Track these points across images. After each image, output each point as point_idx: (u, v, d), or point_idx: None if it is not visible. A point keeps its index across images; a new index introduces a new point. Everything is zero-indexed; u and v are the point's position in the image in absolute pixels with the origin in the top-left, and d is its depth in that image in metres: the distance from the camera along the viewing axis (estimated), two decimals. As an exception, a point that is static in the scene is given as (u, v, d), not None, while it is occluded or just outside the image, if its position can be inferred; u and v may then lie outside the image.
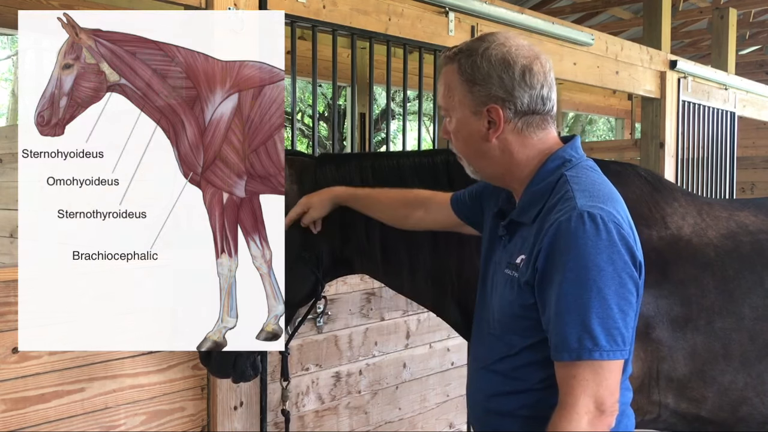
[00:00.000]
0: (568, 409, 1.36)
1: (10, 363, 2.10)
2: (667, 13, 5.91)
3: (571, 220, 1.38)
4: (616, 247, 1.37)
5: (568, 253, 1.37)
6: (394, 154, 2.48)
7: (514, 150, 1.53)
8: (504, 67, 1.48)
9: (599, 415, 1.35)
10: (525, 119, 1.51)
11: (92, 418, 2.31)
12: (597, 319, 1.34)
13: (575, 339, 1.35)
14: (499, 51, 1.49)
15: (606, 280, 1.35)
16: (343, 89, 10.66)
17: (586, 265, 1.35)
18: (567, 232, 1.37)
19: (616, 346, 1.35)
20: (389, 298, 3.26)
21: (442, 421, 3.58)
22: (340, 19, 2.99)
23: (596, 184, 1.49)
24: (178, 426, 2.53)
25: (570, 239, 1.37)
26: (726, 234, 2.20)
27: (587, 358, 1.34)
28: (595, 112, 10.84)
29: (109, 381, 2.34)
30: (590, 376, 1.35)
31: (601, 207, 1.40)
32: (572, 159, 1.53)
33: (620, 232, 1.38)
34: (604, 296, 1.35)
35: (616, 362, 1.37)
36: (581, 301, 1.35)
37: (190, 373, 2.55)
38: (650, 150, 5.18)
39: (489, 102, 1.49)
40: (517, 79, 1.48)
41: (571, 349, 1.36)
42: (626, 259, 1.38)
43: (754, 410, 2.09)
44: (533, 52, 1.51)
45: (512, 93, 1.48)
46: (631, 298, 1.39)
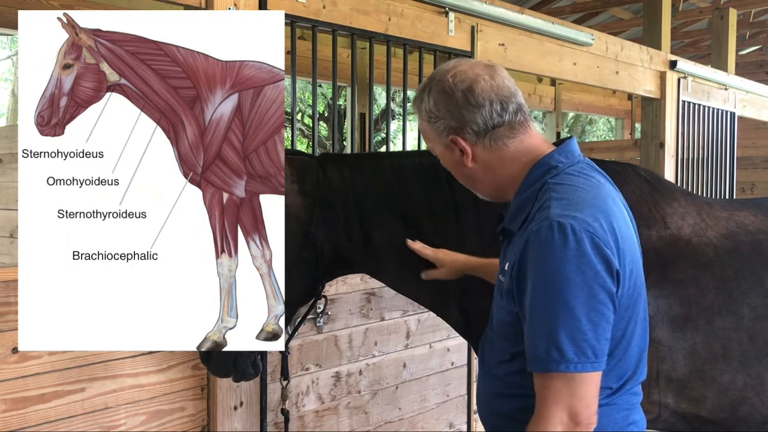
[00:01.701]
0: (542, 419, 1.37)
1: (10, 363, 2.10)
2: (667, 13, 5.91)
3: (541, 230, 1.38)
4: (586, 257, 1.35)
5: (537, 264, 1.37)
6: (395, 154, 2.48)
7: (495, 166, 1.57)
8: (447, 99, 1.53)
9: (573, 427, 1.35)
10: (489, 136, 1.54)
11: (92, 418, 2.31)
12: (564, 331, 1.34)
13: (543, 351, 1.35)
14: (439, 86, 1.55)
15: (574, 291, 1.34)
16: (343, 89, 10.66)
17: (553, 276, 1.35)
18: (536, 242, 1.38)
19: (585, 358, 1.34)
20: (389, 298, 3.26)
21: (442, 421, 3.58)
22: (340, 19, 2.99)
23: (577, 191, 1.47)
24: (178, 426, 2.53)
25: (538, 250, 1.38)
26: (725, 234, 2.20)
27: (555, 370, 1.35)
28: (595, 112, 10.84)
29: (109, 381, 2.34)
30: (562, 387, 1.35)
31: (573, 216, 1.39)
32: (558, 165, 1.53)
33: (594, 240, 1.37)
34: (571, 307, 1.34)
35: (590, 374, 1.36)
36: (548, 313, 1.35)
37: (190, 373, 2.56)
38: (650, 150, 5.17)
39: (448, 134, 1.55)
40: (461, 105, 1.52)
41: (540, 361, 1.36)
42: (598, 269, 1.36)
43: (753, 410, 2.09)
44: (474, 73, 1.53)
45: (462, 119, 1.53)
46: (602, 309, 1.37)
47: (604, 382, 1.47)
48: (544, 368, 1.36)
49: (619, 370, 1.51)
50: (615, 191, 1.58)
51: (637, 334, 1.54)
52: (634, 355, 1.54)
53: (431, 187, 2.16)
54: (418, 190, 2.17)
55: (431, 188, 2.16)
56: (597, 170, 1.59)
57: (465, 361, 3.67)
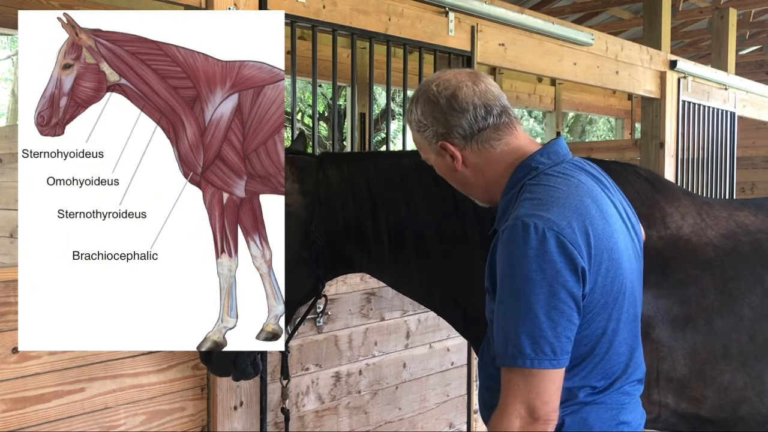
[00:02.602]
0: (502, 411, 1.42)
1: (10, 363, 2.10)
2: (667, 13, 5.91)
3: (507, 230, 1.43)
4: (547, 255, 1.38)
5: (503, 262, 1.43)
6: (395, 153, 2.48)
7: (484, 169, 1.62)
8: (432, 107, 1.60)
9: (532, 422, 1.39)
10: (476, 139, 1.59)
11: (92, 418, 2.31)
12: (523, 328, 1.38)
13: (503, 346, 1.41)
14: (425, 96, 1.62)
15: (534, 288, 1.37)
16: (343, 89, 10.66)
17: (515, 274, 1.39)
18: (504, 241, 1.43)
19: (543, 355, 1.37)
20: (389, 298, 3.26)
21: (442, 421, 3.58)
22: (340, 19, 2.99)
23: (551, 191, 1.49)
24: (178, 426, 2.53)
25: (504, 249, 1.43)
26: (725, 234, 2.20)
27: (512, 365, 1.39)
28: (595, 112, 10.84)
29: (109, 381, 2.34)
30: (521, 382, 1.39)
31: (539, 215, 1.41)
32: (539, 166, 1.56)
33: (558, 239, 1.39)
34: (530, 305, 1.37)
35: (549, 371, 1.39)
36: (509, 310, 1.40)
37: (190, 373, 2.56)
38: (650, 150, 5.17)
39: (438, 140, 1.61)
40: (446, 111, 1.58)
41: (502, 356, 1.41)
42: (559, 268, 1.38)
43: (753, 410, 2.09)
44: (457, 81, 1.60)
45: (448, 124, 1.59)
46: (563, 308, 1.39)
47: (586, 381, 1.50)
48: (504, 363, 1.41)
49: (603, 369, 1.52)
50: (600, 191, 1.58)
51: (623, 333, 1.54)
52: (622, 353, 1.54)
53: (431, 186, 2.16)
54: (418, 189, 2.18)
55: (431, 187, 2.16)
56: (582, 170, 1.60)
57: (465, 361, 3.67)
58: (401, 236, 2.18)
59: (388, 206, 2.17)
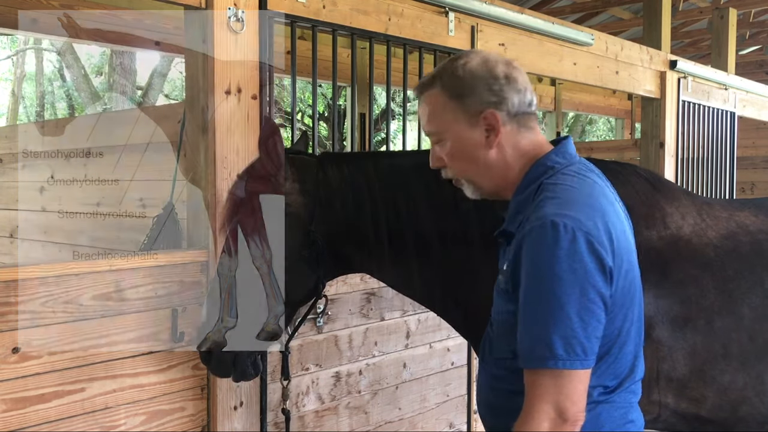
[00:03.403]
0: (529, 414, 1.38)
1: (10, 363, 2.10)
2: (667, 13, 5.91)
3: (534, 230, 1.40)
4: (578, 255, 1.36)
5: (530, 262, 1.39)
6: (396, 153, 2.48)
7: (508, 156, 1.57)
8: (488, 74, 1.53)
9: (561, 423, 1.37)
10: (517, 119, 1.55)
11: (92, 418, 2.30)
12: (555, 329, 1.35)
13: (533, 347, 1.38)
14: (477, 61, 1.55)
15: (565, 289, 1.35)
16: (343, 89, 10.66)
17: (545, 275, 1.36)
18: (531, 241, 1.40)
19: (575, 356, 1.36)
20: (389, 298, 3.26)
21: (442, 421, 3.58)
22: (340, 19, 2.99)
23: (572, 191, 1.48)
24: (178, 426, 2.53)
25: (532, 249, 1.40)
26: (726, 234, 2.20)
27: (543, 367, 1.36)
28: (595, 112, 10.84)
29: (109, 381, 2.34)
30: (550, 383, 1.37)
31: (567, 214, 1.40)
32: (555, 166, 1.55)
33: (587, 239, 1.38)
34: (562, 305, 1.35)
35: (579, 372, 1.37)
36: (540, 310, 1.37)
37: (190, 373, 2.55)
38: (650, 150, 5.17)
39: (483, 109, 1.53)
40: (503, 82, 1.53)
41: (529, 358, 1.39)
42: (589, 268, 1.37)
43: (753, 410, 2.09)
44: (507, 59, 1.59)
45: (502, 95, 1.53)
46: (593, 308, 1.38)
47: (600, 381, 1.49)
48: (533, 364, 1.38)
49: (615, 369, 1.52)
50: (610, 191, 1.60)
51: (633, 333, 1.55)
52: (630, 353, 1.55)
53: (432, 186, 2.16)
54: (418, 189, 2.17)
55: (432, 187, 2.16)
56: (592, 170, 1.61)
57: (465, 361, 3.67)
58: (401, 236, 2.18)
59: (388, 206, 2.17)
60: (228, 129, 2.56)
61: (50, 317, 2.18)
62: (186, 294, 2.51)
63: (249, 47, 2.63)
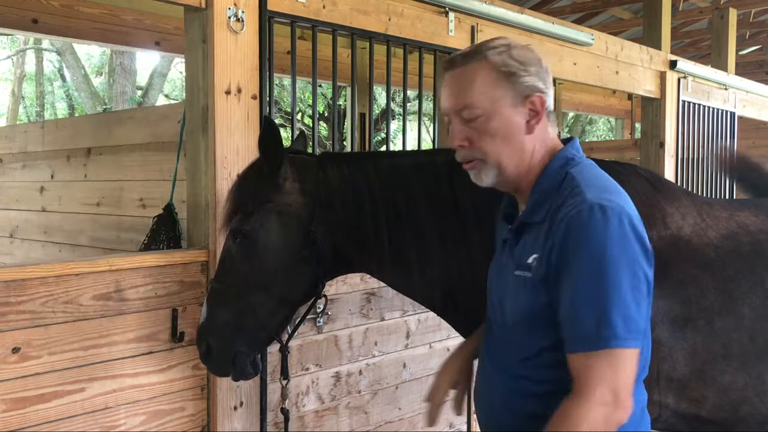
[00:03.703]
0: (583, 399, 1.35)
1: (10, 363, 2.10)
2: (667, 13, 5.90)
3: (582, 213, 1.40)
4: (627, 237, 1.38)
5: (582, 245, 1.38)
6: (396, 153, 2.48)
7: (537, 144, 1.57)
8: (536, 61, 1.54)
9: (614, 409, 1.35)
10: (548, 113, 1.57)
11: (92, 418, 2.30)
12: (614, 308, 1.35)
13: (593, 329, 1.35)
14: (522, 48, 1.55)
15: (620, 269, 1.36)
16: (343, 89, 10.66)
17: (601, 256, 1.36)
18: (579, 225, 1.39)
19: (631, 334, 1.36)
20: (389, 298, 3.25)
21: (442, 421, 3.57)
22: (340, 19, 2.99)
23: (601, 179, 1.52)
24: (178, 426, 2.53)
25: (582, 232, 1.39)
26: (726, 234, 2.20)
27: (604, 347, 1.35)
28: (595, 112, 10.83)
29: (109, 381, 2.34)
30: (607, 366, 1.35)
31: (610, 199, 1.42)
32: (574, 158, 1.57)
33: (632, 222, 1.40)
34: (618, 285, 1.36)
35: (632, 351, 1.37)
36: (598, 292, 1.36)
37: (190, 373, 2.55)
38: (650, 150, 5.17)
39: (532, 92, 1.52)
40: (545, 73, 1.55)
41: (588, 339, 1.36)
42: (637, 250, 1.39)
43: (754, 410, 2.09)
44: None
45: (547, 83, 1.55)
46: (642, 288, 1.40)
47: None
48: (593, 346, 1.36)
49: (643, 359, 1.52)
50: None
51: None
52: (648, 348, 1.55)
53: (432, 186, 2.16)
54: (418, 189, 2.17)
55: (432, 187, 2.16)
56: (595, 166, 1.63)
57: (465, 361, 3.66)
58: (401, 236, 2.17)
59: (388, 206, 2.17)
60: (228, 129, 2.56)
61: (50, 317, 2.18)
62: (186, 294, 2.51)
63: (249, 47, 2.63)
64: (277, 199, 2.13)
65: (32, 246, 3.98)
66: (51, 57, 17.00)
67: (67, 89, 18.32)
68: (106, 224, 3.46)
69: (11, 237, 4.15)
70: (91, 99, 14.93)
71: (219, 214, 2.37)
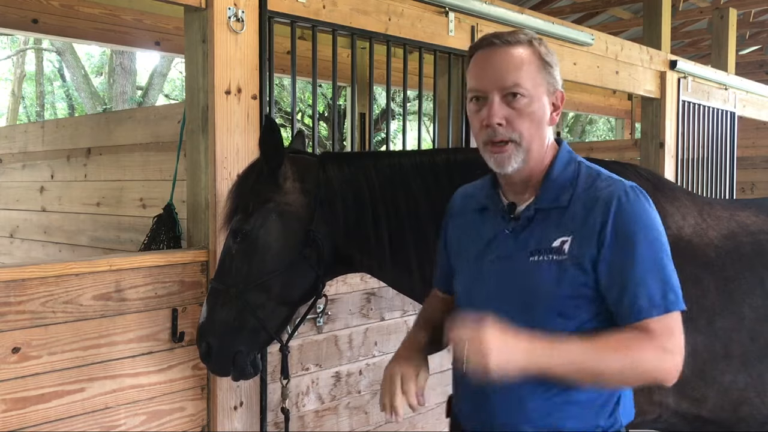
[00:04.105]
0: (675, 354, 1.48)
1: (10, 363, 2.10)
2: (667, 13, 5.90)
3: (628, 194, 1.53)
4: (658, 217, 1.54)
5: (638, 221, 1.50)
6: (396, 153, 2.48)
7: (549, 136, 1.64)
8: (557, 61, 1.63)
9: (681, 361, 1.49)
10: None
11: (92, 418, 2.30)
12: (672, 276, 1.51)
13: (660, 295, 1.48)
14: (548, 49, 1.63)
15: (663, 242, 1.52)
16: (343, 89, 10.65)
17: (656, 231, 1.51)
18: (628, 204, 1.51)
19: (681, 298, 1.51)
20: (389, 298, 3.25)
21: (443, 421, 3.57)
22: (340, 19, 2.99)
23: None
24: (178, 426, 2.53)
25: (633, 210, 1.51)
26: (727, 234, 2.20)
27: (673, 309, 1.49)
28: (595, 112, 10.83)
29: (109, 381, 2.34)
30: (677, 325, 1.50)
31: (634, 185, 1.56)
32: (573, 155, 1.66)
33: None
34: (669, 255, 1.53)
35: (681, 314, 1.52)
36: (659, 262, 1.50)
37: (190, 373, 2.55)
38: (650, 150, 5.17)
39: (557, 86, 1.63)
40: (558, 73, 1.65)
41: (657, 305, 1.48)
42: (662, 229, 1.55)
43: (754, 410, 2.09)
44: None
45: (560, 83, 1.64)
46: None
47: None
48: (661, 311, 1.48)
49: None
50: None
51: None
52: None
53: (431, 186, 2.16)
54: (418, 188, 2.17)
55: (431, 187, 2.16)
56: None
57: (465, 361, 3.66)
58: (401, 236, 2.17)
59: (388, 206, 2.17)
60: (228, 129, 2.56)
61: (50, 317, 2.17)
62: (186, 294, 2.51)
63: (249, 47, 2.63)
64: (277, 199, 2.13)
65: (32, 246, 3.98)
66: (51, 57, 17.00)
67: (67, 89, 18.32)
68: (106, 224, 3.46)
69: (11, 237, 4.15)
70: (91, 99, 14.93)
71: (219, 214, 2.37)
